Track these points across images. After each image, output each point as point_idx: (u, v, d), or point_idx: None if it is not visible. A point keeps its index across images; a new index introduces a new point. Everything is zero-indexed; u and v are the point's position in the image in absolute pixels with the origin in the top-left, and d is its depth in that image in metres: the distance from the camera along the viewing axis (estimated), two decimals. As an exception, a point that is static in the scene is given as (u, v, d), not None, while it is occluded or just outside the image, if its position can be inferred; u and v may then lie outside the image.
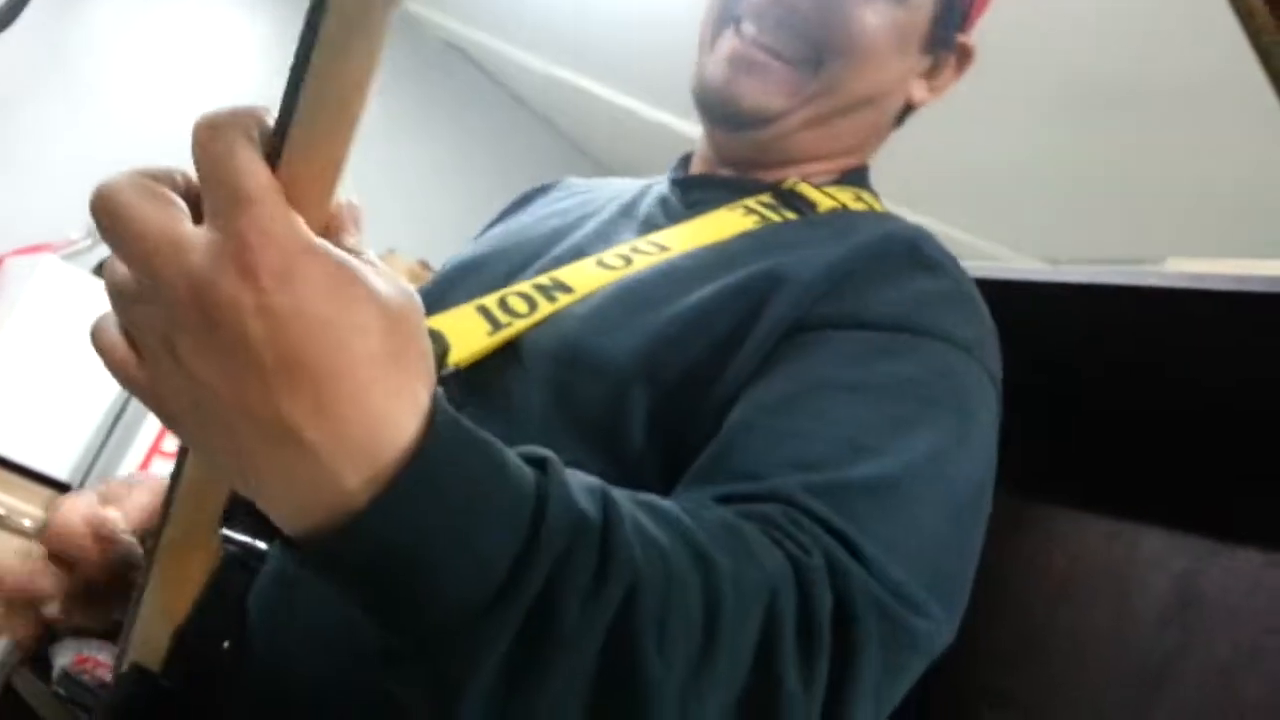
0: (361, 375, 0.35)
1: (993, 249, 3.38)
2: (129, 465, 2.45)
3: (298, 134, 0.36)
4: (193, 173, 0.37)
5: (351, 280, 0.35)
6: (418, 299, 0.38)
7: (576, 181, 0.96)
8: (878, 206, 0.82)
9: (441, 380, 0.62)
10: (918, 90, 0.84)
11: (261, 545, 0.50)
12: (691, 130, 0.89)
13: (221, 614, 0.51)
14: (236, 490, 0.40)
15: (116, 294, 0.37)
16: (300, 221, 0.35)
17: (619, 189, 0.88)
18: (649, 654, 0.41)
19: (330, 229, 0.38)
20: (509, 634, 0.38)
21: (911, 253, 0.70)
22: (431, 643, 0.38)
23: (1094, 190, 2.99)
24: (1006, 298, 1.10)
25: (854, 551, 0.51)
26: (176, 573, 0.50)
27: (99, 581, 0.65)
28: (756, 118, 0.78)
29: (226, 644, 0.51)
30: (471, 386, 0.65)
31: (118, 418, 2.46)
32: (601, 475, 0.49)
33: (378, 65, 0.36)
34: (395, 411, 0.36)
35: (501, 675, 0.39)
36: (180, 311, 0.34)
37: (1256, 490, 1.05)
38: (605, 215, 0.82)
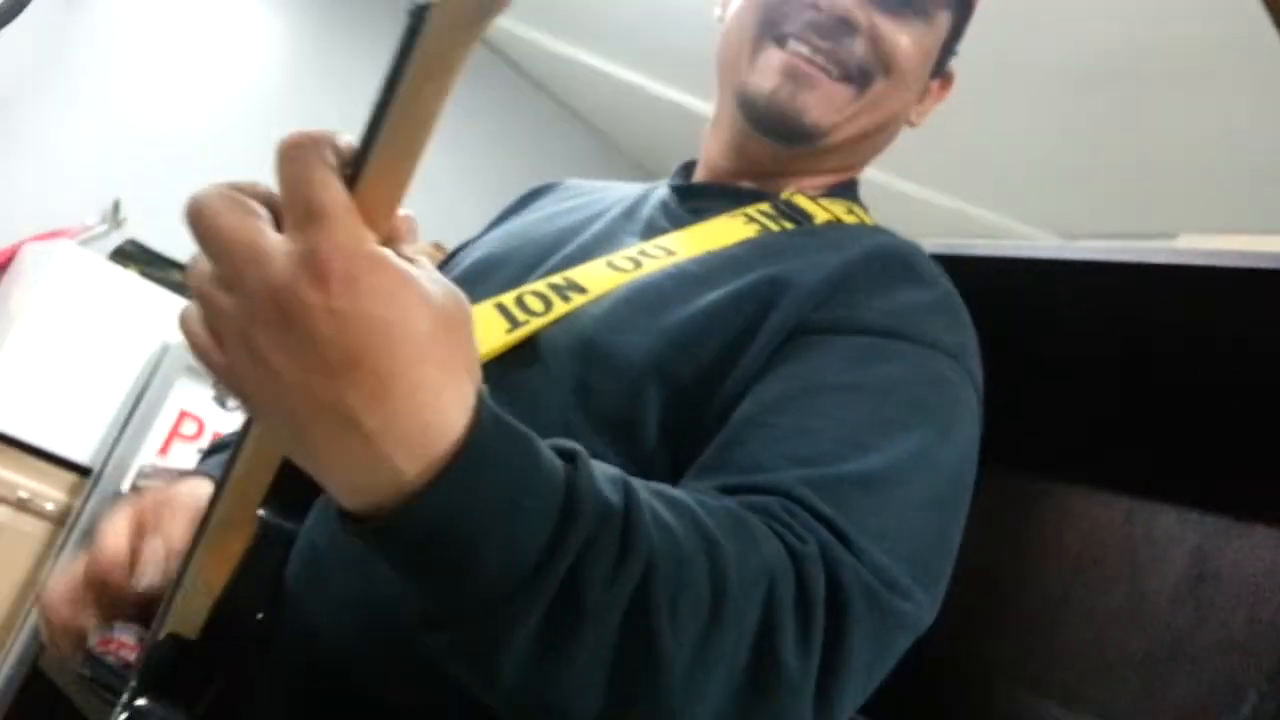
0: (415, 372, 0.40)
1: (1008, 224, 3.36)
2: (149, 449, 2.47)
3: (376, 161, 0.40)
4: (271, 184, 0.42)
5: (409, 287, 0.40)
6: (467, 303, 0.43)
7: (576, 183, 1.00)
8: (868, 220, 0.86)
9: None
10: (914, 112, 0.89)
11: (293, 526, 0.53)
12: (705, 109, 0.90)
13: (257, 588, 0.55)
14: (302, 468, 0.44)
15: (201, 291, 0.41)
16: (368, 234, 0.39)
17: (621, 193, 0.92)
18: (662, 627, 0.45)
19: (392, 238, 0.42)
20: (542, 606, 0.43)
21: (905, 265, 0.75)
22: (472, 611, 0.43)
23: (1109, 165, 2.96)
24: (1020, 274, 1.10)
25: (845, 541, 0.56)
26: (221, 552, 0.54)
27: (134, 604, 0.68)
28: (814, 132, 0.82)
29: (260, 615, 0.54)
30: (491, 381, 0.68)
31: (137, 402, 2.48)
32: (611, 463, 0.54)
33: (447, 101, 0.41)
34: (444, 405, 0.41)
35: (534, 641, 0.44)
36: (259, 311, 0.39)
37: (1271, 468, 1.05)
38: (609, 217, 0.85)
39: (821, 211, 0.82)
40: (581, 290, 0.73)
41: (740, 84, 0.83)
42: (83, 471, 2.42)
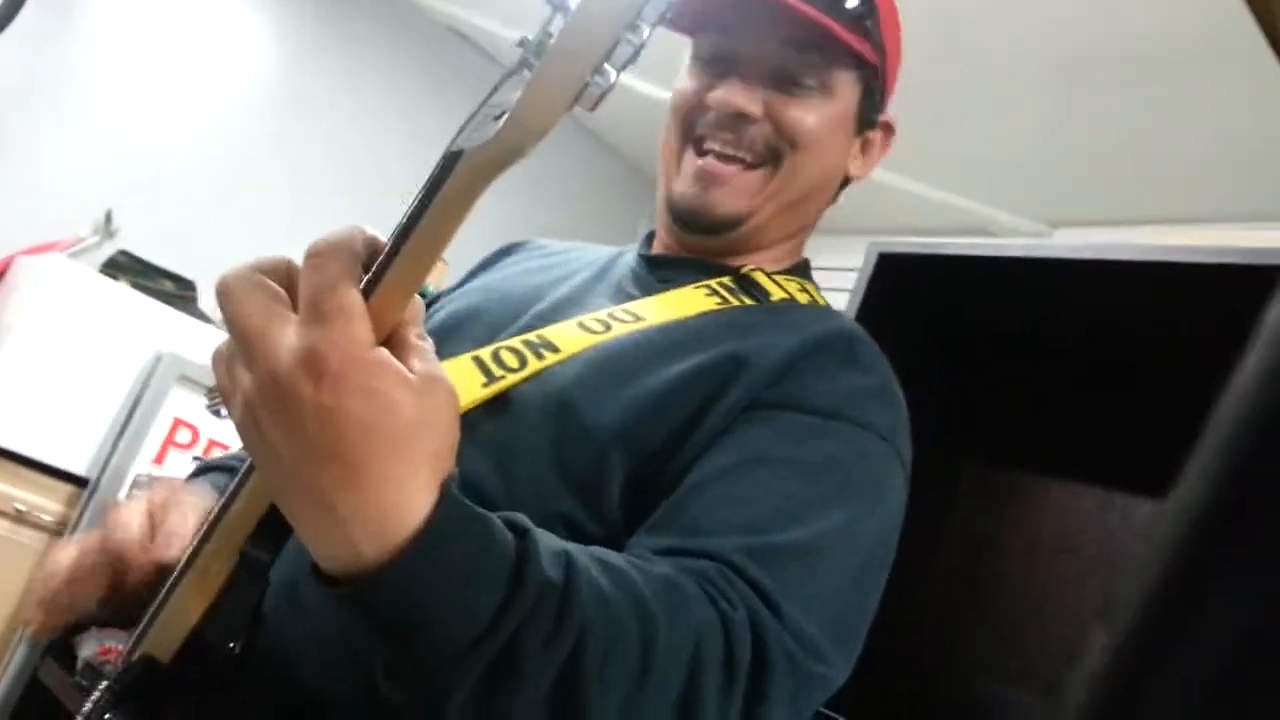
0: (384, 467, 0.46)
1: (996, 215, 3.38)
2: (144, 459, 2.48)
3: (398, 266, 0.46)
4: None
5: (393, 389, 0.46)
6: (450, 394, 0.49)
7: (546, 243, 1.07)
8: (819, 299, 0.95)
9: None
10: (854, 167, 0.97)
11: (274, 559, 0.58)
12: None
13: (234, 618, 0.59)
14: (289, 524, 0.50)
15: (227, 355, 0.48)
16: (367, 337, 0.45)
17: (591, 255, 1.00)
18: (591, 688, 0.53)
19: (401, 323, 0.48)
20: (483, 667, 0.50)
21: (849, 352, 0.82)
22: (422, 667, 0.50)
23: (1095, 156, 2.98)
24: (996, 271, 1.11)
25: (773, 607, 0.63)
26: (203, 581, 0.58)
27: (140, 587, 0.71)
28: (730, 222, 0.90)
29: (234, 645, 0.57)
30: (469, 432, 0.74)
31: (132, 411, 2.49)
32: (582, 526, 0.69)
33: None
34: (407, 496, 0.47)
35: (476, 695, 0.51)
36: (262, 391, 0.45)
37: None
38: (580, 278, 0.93)
39: (777, 289, 0.91)
40: (554, 349, 0.80)
41: (668, 189, 0.92)
42: (79, 482, 2.43)
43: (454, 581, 0.49)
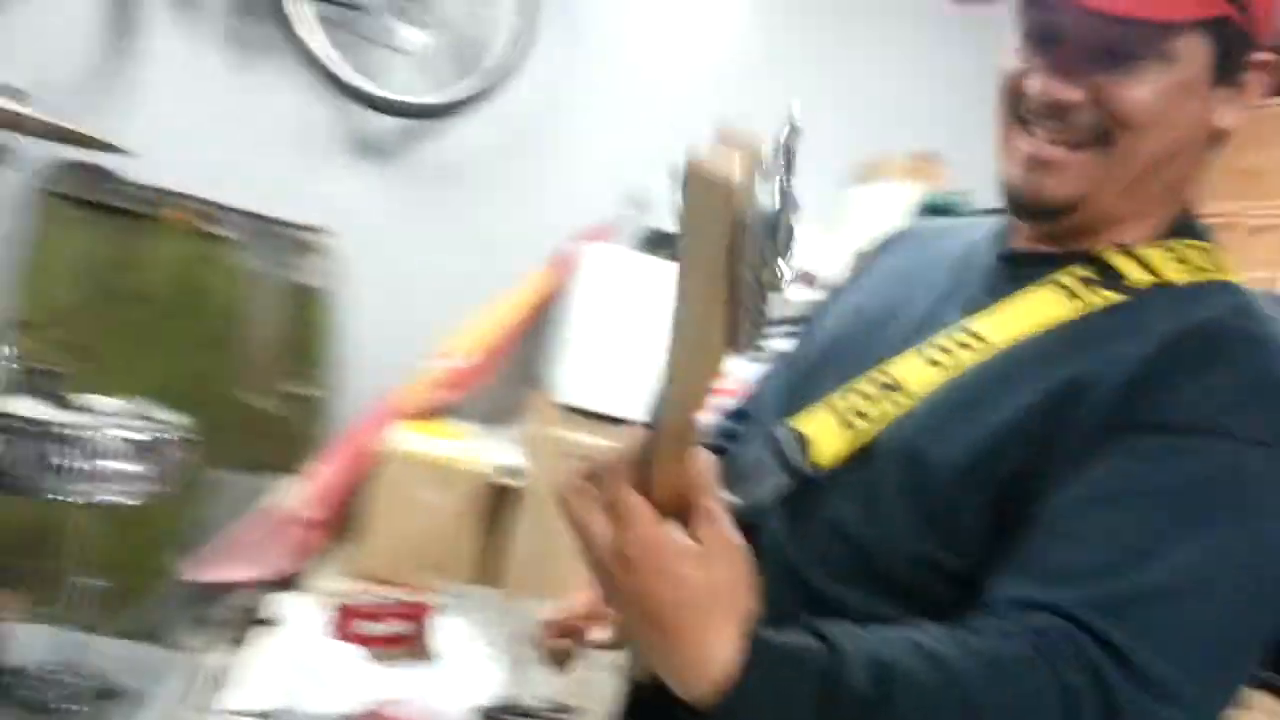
0: (686, 630, 0.61)
1: None
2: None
3: (660, 457, 0.62)
4: None
5: (677, 567, 0.61)
6: (735, 553, 0.63)
7: (923, 230, 1.09)
8: (1199, 261, 0.85)
9: (805, 475, 0.86)
10: (1221, 120, 0.86)
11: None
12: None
13: None
14: None
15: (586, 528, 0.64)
16: (652, 526, 0.61)
17: (958, 244, 0.97)
18: None
19: (693, 487, 0.63)
20: None
21: (1205, 349, 0.75)
22: None
23: None
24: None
25: (1122, 661, 0.62)
26: None
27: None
28: (1064, 208, 0.85)
29: None
30: (835, 479, 0.85)
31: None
32: (943, 565, 0.77)
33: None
34: (711, 651, 0.62)
35: None
36: (598, 566, 0.63)
37: None
38: (937, 289, 0.92)
39: (1140, 270, 0.83)
40: (903, 390, 0.84)
41: (1001, 170, 0.89)
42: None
43: (767, 715, 0.62)
